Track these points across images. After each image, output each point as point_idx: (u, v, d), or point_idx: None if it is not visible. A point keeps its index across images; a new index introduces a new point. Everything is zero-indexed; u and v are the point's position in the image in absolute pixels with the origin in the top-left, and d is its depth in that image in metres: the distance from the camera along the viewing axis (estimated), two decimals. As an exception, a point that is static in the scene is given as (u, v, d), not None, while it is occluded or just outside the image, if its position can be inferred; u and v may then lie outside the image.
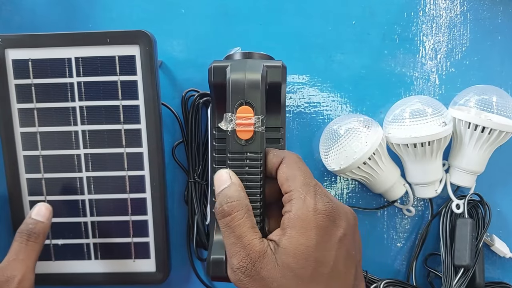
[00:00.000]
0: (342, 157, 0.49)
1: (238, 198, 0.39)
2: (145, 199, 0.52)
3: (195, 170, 0.53)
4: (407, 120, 0.49)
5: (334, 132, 0.50)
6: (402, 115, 0.49)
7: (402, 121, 0.49)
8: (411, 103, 0.50)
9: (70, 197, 0.52)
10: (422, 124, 0.48)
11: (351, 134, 0.49)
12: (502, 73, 0.54)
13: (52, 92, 0.51)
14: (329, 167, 0.51)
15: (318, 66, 0.54)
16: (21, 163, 0.51)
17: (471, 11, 0.54)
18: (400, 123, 0.49)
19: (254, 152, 0.42)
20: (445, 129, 0.48)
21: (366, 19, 0.54)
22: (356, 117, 0.51)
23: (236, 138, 0.42)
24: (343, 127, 0.50)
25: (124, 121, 0.51)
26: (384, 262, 0.55)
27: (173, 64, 0.54)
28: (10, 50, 0.50)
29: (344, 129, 0.50)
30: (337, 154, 0.50)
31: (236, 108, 0.42)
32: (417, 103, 0.50)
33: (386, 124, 0.51)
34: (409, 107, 0.49)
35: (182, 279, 0.56)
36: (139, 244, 0.52)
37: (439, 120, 0.48)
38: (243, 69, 0.43)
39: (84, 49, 0.50)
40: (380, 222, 0.55)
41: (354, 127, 0.50)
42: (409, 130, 0.49)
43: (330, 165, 0.51)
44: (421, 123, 0.48)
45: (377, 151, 0.49)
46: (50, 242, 0.52)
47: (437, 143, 0.48)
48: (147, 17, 0.54)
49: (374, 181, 0.50)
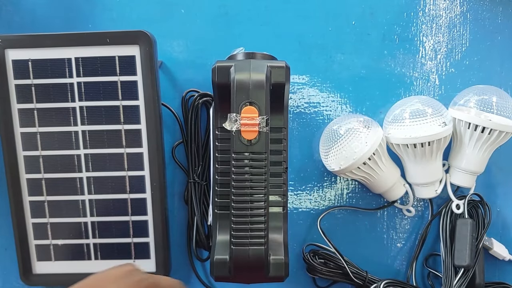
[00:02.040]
0: (342, 157, 0.49)
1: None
2: (145, 199, 0.52)
3: (195, 170, 0.53)
4: (407, 120, 0.49)
5: (334, 133, 0.50)
6: (402, 115, 0.49)
7: (402, 121, 0.49)
8: (411, 103, 0.50)
9: (70, 197, 0.52)
10: (422, 124, 0.48)
11: (351, 134, 0.49)
12: (502, 73, 0.54)
13: (52, 92, 0.50)
14: (329, 167, 0.51)
15: (318, 66, 0.54)
16: (21, 163, 0.51)
17: (471, 11, 0.54)
18: (400, 123, 0.49)
19: (258, 153, 0.42)
20: (445, 129, 0.48)
21: (366, 19, 0.54)
22: (356, 117, 0.51)
23: (241, 138, 0.42)
24: (343, 127, 0.50)
25: (124, 122, 0.51)
26: (384, 262, 0.55)
27: (173, 65, 0.54)
28: (10, 50, 0.50)
29: (344, 129, 0.50)
30: (337, 154, 0.50)
31: (240, 108, 0.42)
32: (417, 103, 0.50)
33: (386, 124, 0.51)
34: (409, 107, 0.49)
35: (182, 279, 0.55)
36: (139, 244, 0.52)
37: (439, 120, 0.48)
38: (248, 69, 0.43)
39: (84, 49, 0.50)
40: (380, 223, 0.55)
41: (354, 127, 0.50)
42: (409, 130, 0.49)
43: (330, 165, 0.51)
44: (421, 123, 0.48)
45: (377, 151, 0.49)
46: (50, 242, 0.52)
47: (437, 143, 0.48)
48: (147, 17, 0.54)
49: (374, 182, 0.51)
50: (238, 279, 0.45)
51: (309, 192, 0.55)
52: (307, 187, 0.55)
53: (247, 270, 0.44)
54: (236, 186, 0.43)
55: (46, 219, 0.52)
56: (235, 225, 0.43)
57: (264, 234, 0.43)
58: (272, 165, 0.45)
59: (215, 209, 0.46)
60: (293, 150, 0.54)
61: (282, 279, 0.45)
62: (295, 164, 0.54)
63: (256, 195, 0.43)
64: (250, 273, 0.44)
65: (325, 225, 0.54)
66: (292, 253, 0.53)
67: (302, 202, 0.55)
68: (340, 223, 0.55)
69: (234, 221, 0.43)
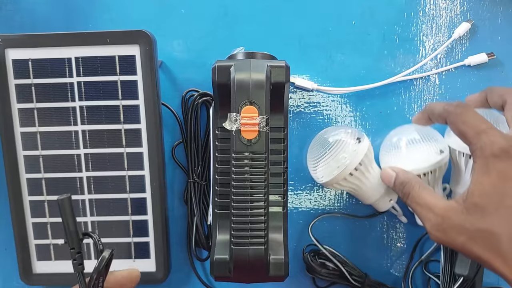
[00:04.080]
0: (330, 169, 0.49)
1: (410, 178, 0.45)
2: (145, 199, 0.52)
3: (195, 170, 0.53)
4: (403, 150, 0.48)
5: (322, 144, 0.49)
6: (399, 144, 0.49)
7: (399, 150, 0.48)
8: (407, 132, 0.49)
9: (70, 197, 0.52)
10: (419, 154, 0.47)
11: (338, 146, 0.48)
12: (502, 74, 0.54)
13: (52, 92, 0.50)
14: (317, 180, 0.51)
15: (318, 66, 0.54)
16: (21, 163, 0.51)
17: (471, 11, 0.54)
18: (396, 151, 0.49)
19: (258, 152, 0.42)
20: (442, 157, 0.47)
21: (366, 19, 0.54)
22: (344, 128, 0.50)
23: (241, 138, 0.42)
24: (331, 138, 0.49)
25: (124, 121, 0.51)
26: (385, 264, 0.55)
27: (173, 64, 0.54)
28: (10, 50, 0.50)
29: (331, 140, 0.49)
30: (324, 166, 0.49)
31: (240, 108, 0.42)
32: (413, 132, 0.49)
33: (383, 153, 0.50)
34: (406, 136, 0.49)
35: (182, 279, 0.56)
36: (139, 244, 0.52)
37: (435, 148, 0.48)
38: (248, 69, 0.43)
39: (84, 49, 0.50)
40: (380, 222, 0.55)
41: (342, 138, 0.49)
42: (405, 160, 0.48)
43: (318, 177, 0.50)
44: (417, 152, 0.48)
45: (363, 161, 0.48)
46: (50, 242, 0.52)
47: (432, 173, 0.47)
48: (147, 17, 0.54)
49: (362, 192, 0.50)
50: (238, 279, 0.45)
51: (309, 192, 0.55)
52: (307, 187, 0.55)
53: (247, 269, 0.44)
54: (236, 185, 0.43)
55: (46, 219, 0.52)
56: (235, 225, 0.43)
57: (264, 234, 0.43)
58: (272, 164, 0.45)
59: (215, 208, 0.46)
60: (293, 150, 0.54)
61: (282, 278, 0.45)
62: (295, 164, 0.54)
63: (256, 195, 0.43)
64: (250, 273, 0.44)
65: (325, 225, 0.54)
66: (292, 253, 0.53)
67: (302, 202, 0.55)
68: (340, 223, 0.55)
69: (234, 220, 0.43)
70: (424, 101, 0.54)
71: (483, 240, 0.38)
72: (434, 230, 0.40)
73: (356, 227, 0.55)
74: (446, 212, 0.40)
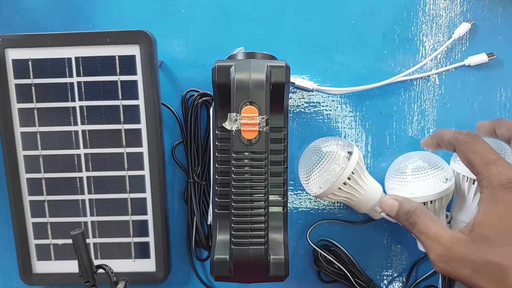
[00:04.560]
0: (322, 181, 0.48)
1: (415, 207, 0.42)
2: (145, 199, 0.52)
3: (195, 170, 0.53)
4: (409, 177, 0.48)
5: (312, 156, 0.49)
6: (404, 171, 0.48)
7: (404, 177, 0.48)
8: (414, 159, 0.49)
9: (70, 197, 0.52)
10: (425, 181, 0.47)
11: (329, 157, 0.48)
12: (502, 74, 0.54)
13: (52, 92, 0.51)
14: (310, 192, 0.50)
15: (318, 66, 0.54)
16: (21, 163, 0.51)
17: (471, 11, 0.54)
18: (402, 178, 0.48)
19: (258, 152, 0.42)
20: (447, 186, 0.47)
21: (366, 19, 0.54)
22: (335, 140, 0.50)
23: (241, 138, 0.42)
24: (323, 149, 0.49)
25: (124, 121, 0.51)
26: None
27: (173, 64, 0.54)
28: (10, 50, 0.50)
29: (323, 152, 0.48)
30: (316, 178, 0.48)
31: (241, 108, 0.42)
32: (418, 160, 0.48)
33: (389, 178, 0.50)
34: (412, 164, 0.48)
35: (182, 279, 0.56)
36: (139, 244, 0.52)
37: (441, 176, 0.47)
38: (248, 69, 0.43)
39: (84, 49, 0.50)
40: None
41: (332, 150, 0.48)
42: (411, 187, 0.47)
43: (311, 189, 0.50)
44: (423, 180, 0.47)
45: (355, 170, 0.48)
46: (50, 242, 0.52)
47: (438, 201, 0.47)
48: (147, 17, 0.54)
49: (357, 201, 0.49)
50: (238, 279, 0.45)
51: (309, 192, 0.55)
52: (307, 187, 0.55)
53: (247, 269, 0.44)
54: (236, 185, 0.43)
55: (46, 219, 0.52)
56: (235, 225, 0.43)
57: (264, 234, 0.43)
58: (272, 164, 0.45)
59: (215, 208, 0.46)
60: (293, 150, 0.54)
61: (282, 278, 0.45)
62: (295, 164, 0.54)
63: (256, 195, 0.43)
64: (250, 273, 0.44)
65: (325, 225, 0.54)
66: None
67: (302, 202, 0.55)
68: (340, 223, 0.55)
69: (234, 220, 0.44)
70: (424, 101, 0.54)
71: (489, 273, 0.37)
72: (438, 260, 0.39)
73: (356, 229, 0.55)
74: (451, 243, 0.39)
